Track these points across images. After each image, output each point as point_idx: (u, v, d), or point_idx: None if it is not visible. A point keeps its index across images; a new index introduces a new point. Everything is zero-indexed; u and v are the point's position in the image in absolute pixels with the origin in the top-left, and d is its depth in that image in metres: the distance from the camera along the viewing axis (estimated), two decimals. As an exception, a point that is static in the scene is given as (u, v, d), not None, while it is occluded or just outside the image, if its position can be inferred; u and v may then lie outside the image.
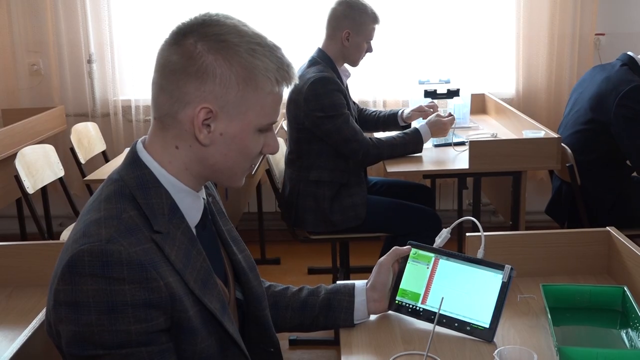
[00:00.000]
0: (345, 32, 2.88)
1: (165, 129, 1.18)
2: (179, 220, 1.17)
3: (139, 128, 4.21)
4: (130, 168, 1.19)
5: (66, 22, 4.12)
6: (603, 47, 4.13)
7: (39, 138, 3.77)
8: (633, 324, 1.41)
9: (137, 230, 1.11)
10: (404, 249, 1.54)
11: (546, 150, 2.78)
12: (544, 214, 3.39)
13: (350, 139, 2.80)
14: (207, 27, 1.15)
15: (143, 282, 1.07)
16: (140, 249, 1.09)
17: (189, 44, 1.13)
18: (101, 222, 1.10)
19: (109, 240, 1.07)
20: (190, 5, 4.02)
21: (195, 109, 1.13)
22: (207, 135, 1.15)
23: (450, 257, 1.50)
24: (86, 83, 4.21)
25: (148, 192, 1.16)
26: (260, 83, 1.14)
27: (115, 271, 1.05)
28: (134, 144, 1.23)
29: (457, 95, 3.49)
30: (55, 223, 3.89)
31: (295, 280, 3.58)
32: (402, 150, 2.93)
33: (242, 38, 1.14)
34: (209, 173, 1.21)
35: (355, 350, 1.39)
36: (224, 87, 1.13)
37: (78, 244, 1.08)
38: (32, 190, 3.04)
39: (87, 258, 1.06)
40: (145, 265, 1.08)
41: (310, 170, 2.90)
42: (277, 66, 1.15)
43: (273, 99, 1.17)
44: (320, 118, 2.78)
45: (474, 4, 4.11)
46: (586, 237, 1.74)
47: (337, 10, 2.90)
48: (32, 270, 1.84)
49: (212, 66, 1.12)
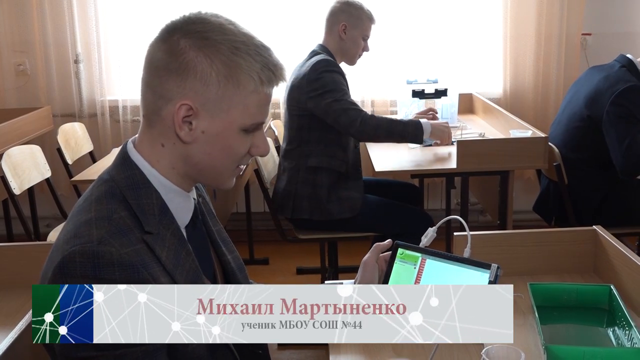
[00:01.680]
0: (342, 24, 2.99)
1: (151, 127, 1.18)
2: (168, 220, 1.17)
3: (127, 128, 4.19)
4: (121, 168, 1.19)
5: (52, 22, 4.09)
6: (590, 47, 4.15)
7: (25, 138, 3.74)
8: (619, 323, 1.42)
9: (128, 231, 1.11)
10: (384, 244, 1.53)
11: (533, 149, 2.79)
12: (531, 212, 3.40)
13: (349, 108, 2.82)
14: (192, 24, 1.15)
15: (134, 283, 1.06)
16: (131, 249, 1.08)
17: (173, 40, 1.14)
18: (92, 223, 1.10)
19: (100, 242, 1.07)
20: (178, 4, 4.01)
21: (175, 105, 1.13)
22: (189, 133, 1.15)
23: (437, 257, 1.50)
24: (73, 83, 4.18)
25: (139, 192, 1.15)
26: (243, 81, 1.13)
27: (106, 272, 1.05)
28: (124, 143, 1.23)
29: (445, 95, 3.50)
30: (42, 224, 3.86)
31: (284, 281, 3.58)
32: (400, 129, 2.87)
33: (226, 36, 1.14)
34: (195, 173, 1.20)
35: (343, 351, 1.39)
36: (204, 84, 1.12)
37: (69, 245, 1.07)
38: (18, 191, 3.02)
39: (78, 259, 1.05)
40: (137, 266, 1.08)
41: (310, 157, 2.93)
42: (262, 65, 1.14)
43: (258, 98, 1.16)
44: (320, 94, 2.82)
45: (461, 4, 4.12)
46: (573, 236, 1.75)
47: (335, 6, 3.03)
48: (19, 272, 1.82)
49: (192, 62, 1.12)
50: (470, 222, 1.72)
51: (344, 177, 2.96)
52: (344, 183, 2.95)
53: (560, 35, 4.06)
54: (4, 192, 3.08)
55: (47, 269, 1.11)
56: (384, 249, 1.52)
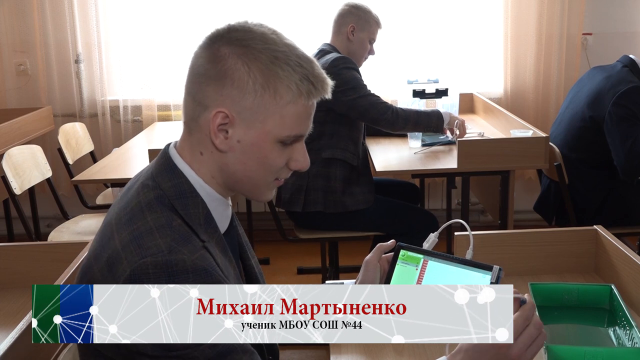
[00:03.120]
0: (350, 26, 3.05)
1: (191, 134, 1.17)
2: (213, 229, 1.16)
3: (127, 128, 4.20)
4: (167, 175, 1.16)
5: (53, 22, 4.10)
6: (590, 46, 4.15)
7: (26, 138, 3.74)
8: (620, 322, 1.42)
9: (190, 237, 1.10)
10: (387, 244, 1.53)
11: (534, 149, 2.79)
12: (532, 212, 3.40)
13: (377, 102, 2.93)
14: (235, 32, 1.14)
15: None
16: (199, 255, 1.07)
17: (215, 48, 1.13)
18: (154, 232, 1.07)
19: (170, 251, 1.05)
20: (179, 5, 4.01)
21: (212, 113, 1.12)
22: (224, 141, 1.14)
23: (439, 259, 1.50)
24: (74, 83, 4.19)
25: (186, 202, 1.14)
26: (280, 91, 1.11)
27: (181, 279, 1.04)
28: (165, 147, 1.21)
29: (446, 94, 3.50)
30: (42, 224, 3.86)
31: (285, 281, 3.58)
32: (426, 120, 3.02)
33: (267, 45, 1.12)
34: (232, 183, 1.19)
35: (344, 350, 1.39)
36: (241, 92, 1.11)
37: (136, 256, 1.05)
38: (19, 191, 3.02)
39: (151, 271, 1.03)
40: (209, 270, 1.06)
41: (323, 151, 2.95)
42: (302, 76, 1.12)
43: (295, 109, 1.13)
44: (342, 91, 2.85)
45: (462, 4, 4.12)
46: (574, 236, 1.75)
47: (344, 9, 3.09)
48: (20, 272, 1.83)
49: (231, 70, 1.11)
50: (471, 222, 1.72)
51: (356, 172, 2.99)
52: (357, 177, 2.99)
53: (561, 35, 4.06)
54: (4, 192, 3.09)
55: (102, 274, 1.07)
56: (387, 250, 1.53)
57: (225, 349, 1.08)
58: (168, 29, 4.07)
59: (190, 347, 1.04)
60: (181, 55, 4.03)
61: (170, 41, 4.09)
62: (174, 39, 4.07)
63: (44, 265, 1.82)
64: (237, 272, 1.20)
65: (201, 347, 1.05)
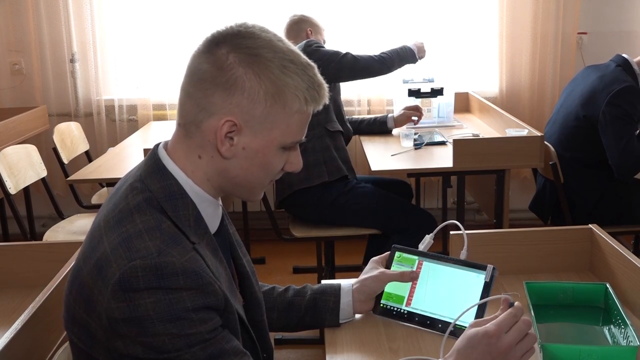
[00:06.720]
0: (308, 29, 3.31)
1: (189, 137, 1.16)
2: (203, 230, 1.16)
3: (122, 128, 4.19)
4: (156, 177, 1.16)
5: (48, 21, 4.09)
6: (585, 46, 4.16)
7: (21, 138, 3.74)
8: (615, 321, 1.42)
9: (180, 239, 1.10)
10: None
11: (529, 148, 2.79)
12: (527, 211, 3.41)
13: (358, 55, 3.11)
14: (242, 38, 1.13)
15: (200, 287, 1.06)
16: (189, 257, 1.08)
17: (221, 54, 1.12)
18: (143, 235, 1.07)
19: (159, 253, 1.05)
20: (173, 4, 4.00)
21: (219, 121, 1.12)
22: (229, 149, 1.14)
23: (434, 259, 1.51)
24: (69, 82, 4.18)
25: (176, 204, 1.14)
26: (289, 101, 1.12)
27: (171, 282, 1.04)
28: (154, 148, 1.21)
29: (441, 94, 3.51)
30: (37, 224, 3.86)
31: (281, 280, 3.58)
32: (402, 52, 3.25)
33: (276, 54, 1.12)
34: (229, 186, 1.20)
35: (340, 349, 1.39)
36: (251, 102, 1.11)
37: (125, 259, 1.05)
38: (14, 191, 3.01)
39: (140, 273, 1.04)
40: (199, 272, 1.07)
41: (311, 129, 2.99)
42: (308, 85, 1.13)
43: (300, 118, 1.15)
44: (325, 64, 2.95)
45: (457, 3, 4.13)
46: (569, 235, 1.75)
47: (294, 19, 3.36)
48: (15, 272, 1.82)
49: (241, 79, 1.10)
50: (467, 221, 1.72)
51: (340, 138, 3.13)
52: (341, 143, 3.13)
53: (556, 34, 4.07)
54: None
55: (92, 277, 1.07)
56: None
57: (217, 351, 1.08)
58: (163, 28, 4.06)
59: (181, 349, 1.05)
60: (176, 54, 4.03)
61: (166, 40, 4.08)
62: (170, 38, 4.07)
63: (39, 265, 1.81)
64: (229, 272, 1.20)
65: (192, 350, 1.06)
